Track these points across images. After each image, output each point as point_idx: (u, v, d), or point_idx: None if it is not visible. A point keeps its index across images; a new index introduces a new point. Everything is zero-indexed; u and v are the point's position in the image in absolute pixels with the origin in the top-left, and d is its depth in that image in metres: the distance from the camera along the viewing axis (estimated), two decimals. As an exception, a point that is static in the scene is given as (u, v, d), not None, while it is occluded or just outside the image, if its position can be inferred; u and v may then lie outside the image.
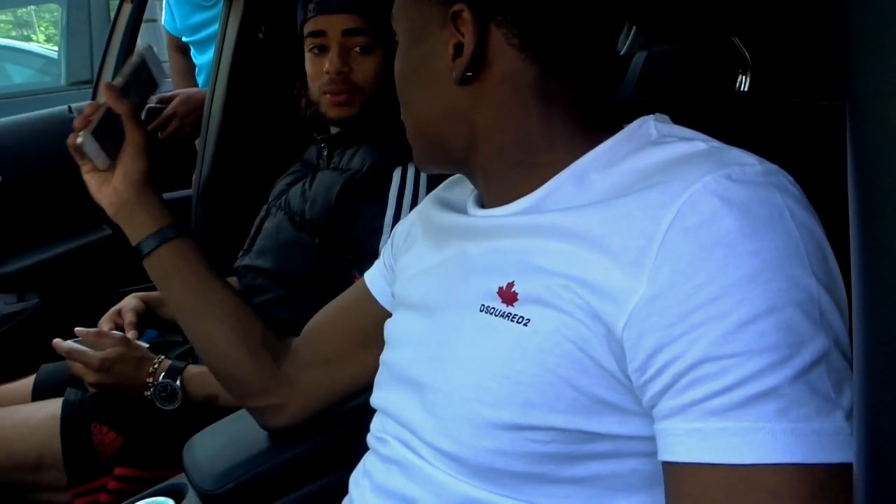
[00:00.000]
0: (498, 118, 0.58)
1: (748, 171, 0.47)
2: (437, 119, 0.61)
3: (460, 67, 0.56)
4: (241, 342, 0.81)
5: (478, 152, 0.60)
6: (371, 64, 1.14)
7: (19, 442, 1.09)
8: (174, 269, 0.82)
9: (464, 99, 0.58)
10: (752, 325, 0.43)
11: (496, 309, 0.54)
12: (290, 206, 1.22)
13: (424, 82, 0.61)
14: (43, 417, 1.11)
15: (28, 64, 4.13)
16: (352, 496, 0.67)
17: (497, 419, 0.51)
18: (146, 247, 0.83)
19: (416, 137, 0.65)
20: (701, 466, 0.44)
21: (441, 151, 0.63)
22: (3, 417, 1.12)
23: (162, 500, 0.86)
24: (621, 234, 0.48)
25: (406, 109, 0.64)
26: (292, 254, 1.18)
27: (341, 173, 1.17)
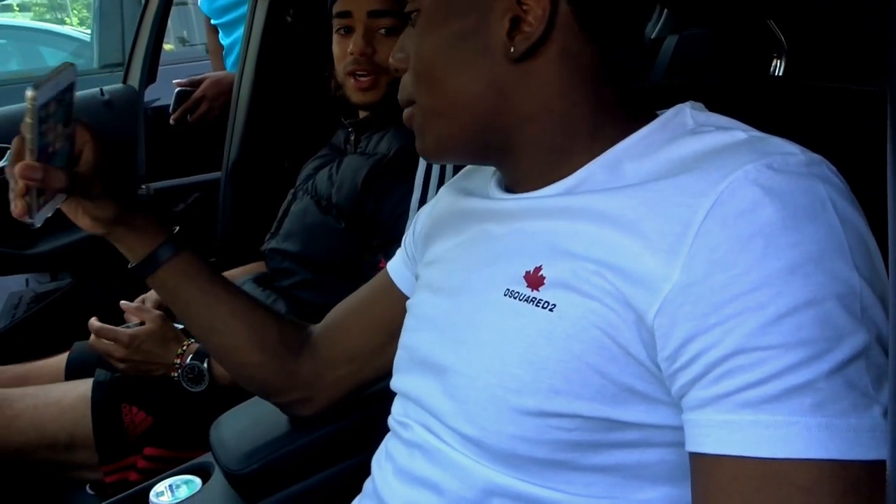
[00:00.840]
0: (547, 100, 0.56)
1: (790, 161, 0.46)
2: (477, 100, 0.57)
3: (525, 43, 0.53)
4: (258, 347, 0.79)
5: (514, 137, 0.58)
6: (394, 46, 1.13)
7: (52, 422, 1.11)
8: (177, 285, 0.79)
9: (514, 78, 0.55)
10: (789, 317, 0.42)
11: (521, 293, 0.53)
12: (317, 190, 1.22)
13: (467, 59, 0.56)
14: (75, 398, 1.13)
15: (61, 47, 4.18)
16: (374, 478, 0.67)
17: (521, 405, 0.51)
18: (144, 271, 0.78)
19: (442, 120, 0.59)
20: (731, 459, 0.43)
21: (475, 136, 0.59)
22: (36, 396, 1.14)
23: (189, 478, 0.87)
24: (656, 220, 0.47)
25: (433, 90, 0.59)
26: (318, 237, 1.19)
27: (368, 157, 1.17)
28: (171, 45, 4.17)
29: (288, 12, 1.53)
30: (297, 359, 0.80)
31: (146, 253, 0.76)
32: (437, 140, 0.61)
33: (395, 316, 0.75)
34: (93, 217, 0.73)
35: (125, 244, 0.77)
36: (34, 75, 3.32)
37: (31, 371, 1.31)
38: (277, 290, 1.24)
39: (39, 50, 4.18)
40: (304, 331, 0.83)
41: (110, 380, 1.14)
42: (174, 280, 0.78)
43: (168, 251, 0.77)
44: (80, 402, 1.12)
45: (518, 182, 0.61)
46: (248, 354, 0.79)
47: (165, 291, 0.79)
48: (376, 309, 0.80)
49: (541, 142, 0.57)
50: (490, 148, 0.60)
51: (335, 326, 0.82)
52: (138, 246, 0.77)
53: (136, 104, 2.05)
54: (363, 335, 0.80)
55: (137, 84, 2.06)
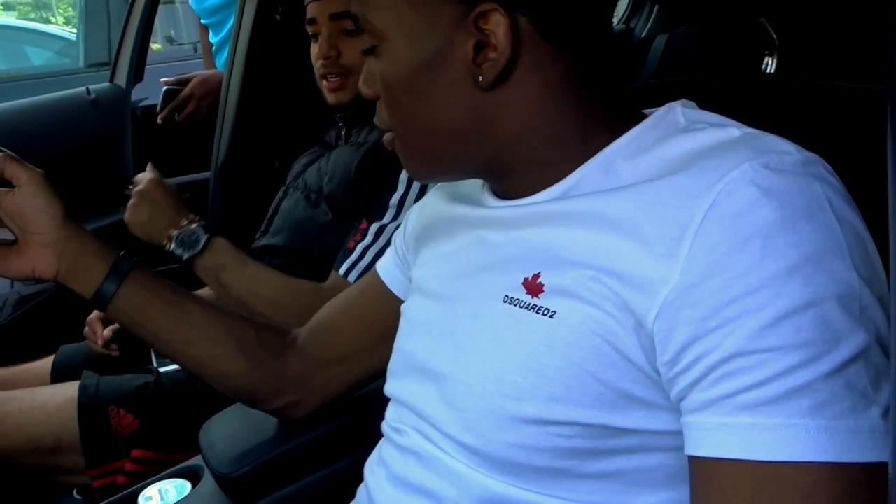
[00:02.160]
0: (529, 119, 0.54)
1: (787, 160, 0.45)
2: (455, 129, 0.55)
3: (493, 70, 0.51)
4: (238, 354, 0.76)
5: (503, 157, 0.56)
6: (360, 44, 1.13)
7: (38, 425, 1.10)
8: (144, 302, 0.74)
9: (489, 104, 0.53)
10: (788, 319, 0.41)
11: (520, 300, 0.53)
12: (307, 185, 1.23)
13: (436, 92, 0.54)
14: (62, 401, 1.11)
15: (47, 46, 4.14)
16: (367, 484, 0.66)
17: (520, 413, 0.50)
18: (108, 291, 0.72)
19: (419, 150, 0.58)
20: (729, 462, 0.42)
21: (455, 162, 0.58)
22: (21, 399, 1.13)
23: (179, 481, 0.86)
24: (654, 223, 0.47)
25: (402, 120, 0.57)
26: (307, 231, 1.19)
27: (359, 147, 1.17)
28: (159, 44, 4.15)
29: (277, 11, 1.52)
30: (282, 361, 0.79)
31: (106, 270, 0.72)
32: (421, 166, 0.60)
33: (385, 316, 0.75)
34: (47, 235, 0.70)
35: (81, 269, 0.72)
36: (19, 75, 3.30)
37: (17, 374, 1.30)
38: None
39: (24, 49, 4.15)
40: (283, 334, 0.82)
41: (97, 383, 1.13)
42: (140, 297, 0.73)
43: (126, 263, 0.73)
44: (67, 405, 1.11)
45: (511, 190, 0.60)
46: (232, 362, 0.77)
47: (133, 312, 0.74)
48: (366, 309, 0.79)
49: (530, 158, 0.56)
50: (479, 168, 0.59)
51: (325, 327, 0.81)
52: (96, 263, 0.72)
53: (123, 103, 2.04)
54: (354, 335, 0.79)
55: (125, 83, 2.04)
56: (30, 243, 0.71)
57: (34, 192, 0.70)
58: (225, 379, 0.78)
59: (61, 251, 0.71)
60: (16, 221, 0.70)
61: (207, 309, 0.77)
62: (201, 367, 0.78)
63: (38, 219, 0.70)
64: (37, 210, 0.70)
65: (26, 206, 0.70)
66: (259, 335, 0.79)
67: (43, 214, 0.70)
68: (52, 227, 0.70)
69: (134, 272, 0.74)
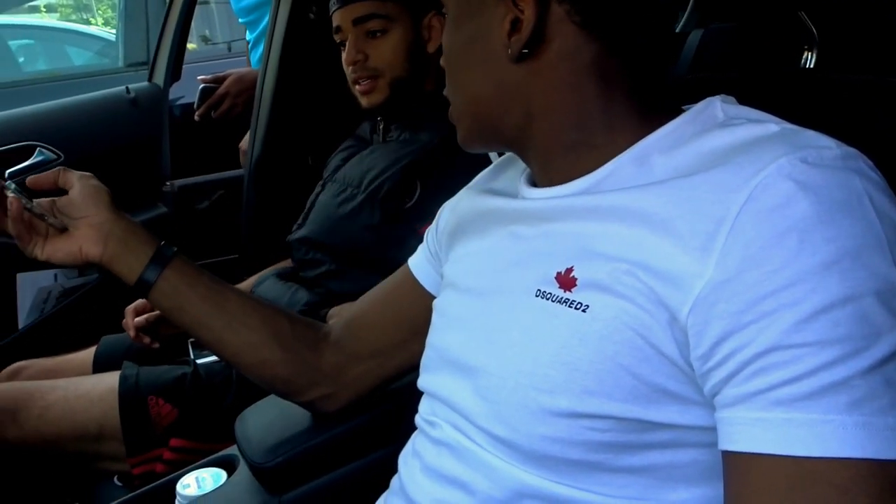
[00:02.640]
0: (555, 98, 0.56)
1: (825, 155, 0.45)
2: (491, 97, 0.59)
3: (517, 44, 0.55)
4: (273, 342, 0.78)
5: (533, 132, 0.58)
6: (386, 45, 1.16)
7: (82, 413, 1.13)
8: (187, 288, 0.76)
9: (520, 77, 0.56)
10: (825, 314, 0.41)
11: (553, 294, 0.53)
12: (346, 179, 1.23)
13: (477, 59, 0.58)
14: (104, 390, 1.14)
15: (87, 46, 4.23)
16: (401, 475, 0.67)
17: (553, 406, 0.51)
18: (151, 276, 0.75)
19: (464, 116, 0.63)
20: (764, 457, 0.42)
21: (492, 131, 0.61)
22: (66, 388, 1.16)
23: (215, 470, 0.88)
24: (688, 218, 0.46)
25: (455, 87, 0.62)
26: (344, 226, 1.19)
27: (405, 144, 1.17)
28: (194, 43, 4.21)
29: (311, 10, 1.54)
30: (317, 353, 0.80)
31: (150, 254, 0.75)
32: (465, 133, 0.64)
33: (417, 312, 0.75)
34: (95, 217, 0.74)
35: (127, 253, 0.75)
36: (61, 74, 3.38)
37: (60, 364, 1.33)
38: (302, 280, 1.25)
39: (66, 49, 4.24)
40: (317, 328, 0.83)
41: (137, 373, 1.16)
42: (181, 283, 0.76)
43: (168, 249, 0.76)
44: (109, 394, 1.13)
45: (545, 175, 0.61)
46: (269, 351, 0.78)
47: (173, 297, 0.76)
48: (399, 305, 0.80)
49: (558, 138, 0.57)
50: (511, 143, 0.62)
51: (357, 322, 0.82)
52: (140, 248, 0.75)
53: (161, 102, 2.07)
54: (386, 331, 0.80)
55: (162, 82, 2.08)
56: (78, 226, 0.74)
57: (84, 185, 0.75)
58: (260, 368, 0.80)
59: (108, 233, 0.74)
60: (67, 213, 0.75)
61: (244, 298, 0.80)
62: (238, 356, 0.79)
63: (87, 203, 0.74)
64: (85, 196, 0.75)
65: (76, 197, 0.75)
66: (293, 327, 0.80)
67: (91, 199, 0.75)
68: (99, 211, 0.74)
69: (175, 259, 0.76)
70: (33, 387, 1.16)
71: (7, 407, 1.11)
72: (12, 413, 1.11)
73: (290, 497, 0.84)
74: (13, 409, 1.11)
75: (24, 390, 1.15)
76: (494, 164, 0.75)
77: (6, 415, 1.11)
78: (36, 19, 4.60)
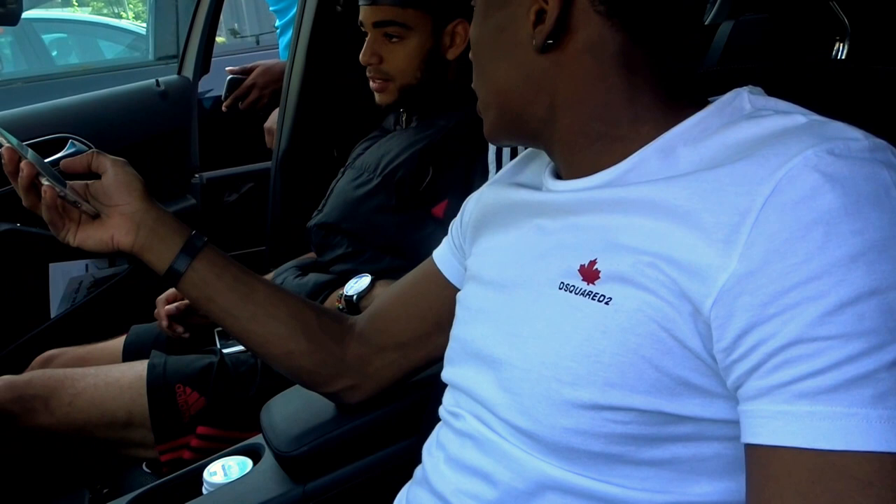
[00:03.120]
0: (580, 89, 0.56)
1: (853, 146, 0.44)
2: (516, 89, 0.59)
3: (541, 35, 0.54)
4: (300, 333, 0.79)
5: (557, 124, 0.58)
6: (402, 52, 1.16)
7: (111, 401, 1.15)
8: (215, 278, 0.77)
9: (545, 68, 0.56)
10: (851, 307, 0.40)
11: (576, 287, 0.53)
12: (363, 165, 1.25)
13: (503, 50, 0.58)
14: (132, 378, 1.16)
15: (118, 40, 4.30)
16: (425, 466, 0.68)
17: (576, 398, 0.51)
18: (181, 266, 0.75)
19: (490, 107, 0.62)
20: (787, 450, 0.42)
21: (517, 123, 0.61)
22: (96, 376, 1.18)
23: (241, 458, 0.90)
24: (712, 210, 0.46)
25: (481, 78, 0.62)
26: (358, 209, 1.21)
27: (424, 129, 1.19)
28: (223, 37, 4.25)
29: (338, 2, 1.54)
30: (342, 345, 0.81)
31: (181, 244, 0.76)
32: (493, 124, 0.63)
33: (441, 305, 0.76)
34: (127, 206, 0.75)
35: (158, 242, 0.75)
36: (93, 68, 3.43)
37: (91, 353, 1.36)
38: (319, 267, 1.27)
39: (98, 43, 4.31)
40: (342, 320, 0.83)
41: (164, 362, 1.18)
42: (211, 273, 0.76)
43: (199, 239, 0.77)
44: (138, 382, 1.16)
45: (569, 168, 0.60)
46: (295, 341, 0.79)
47: (203, 287, 0.77)
48: (423, 298, 0.80)
49: (583, 130, 0.57)
50: (536, 136, 0.62)
51: (382, 314, 0.83)
52: (171, 237, 0.76)
53: (190, 94, 2.10)
54: (410, 324, 0.80)
55: (192, 75, 2.11)
56: (111, 214, 0.75)
57: (117, 172, 0.75)
58: (287, 358, 0.80)
59: (140, 222, 0.75)
60: (100, 200, 0.75)
61: (272, 289, 0.80)
62: (264, 346, 0.80)
63: (120, 191, 0.75)
64: (118, 184, 0.75)
65: (110, 185, 0.75)
66: (320, 319, 0.81)
67: (124, 188, 0.75)
68: (132, 199, 0.75)
69: (205, 249, 0.77)
70: (64, 374, 1.18)
71: (39, 394, 1.14)
72: (44, 399, 1.14)
73: (314, 486, 0.85)
74: (45, 395, 1.14)
75: (55, 378, 1.17)
76: (519, 157, 0.75)
77: (38, 401, 1.13)
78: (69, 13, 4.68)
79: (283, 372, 0.83)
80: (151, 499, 0.86)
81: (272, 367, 0.83)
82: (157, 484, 0.90)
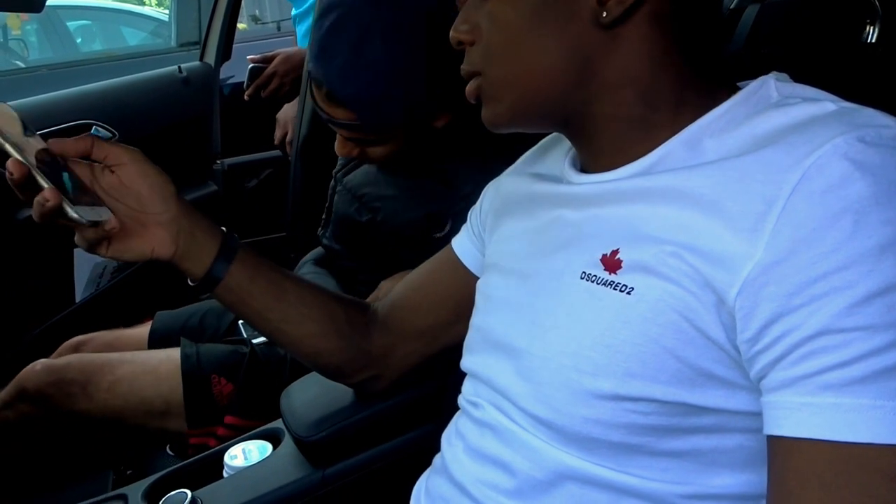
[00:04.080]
0: (634, 67, 0.53)
1: (884, 134, 0.43)
2: (559, 67, 0.54)
3: (620, 7, 0.50)
4: (330, 332, 0.78)
5: (595, 107, 0.55)
6: (379, 150, 1.04)
7: (149, 389, 1.15)
8: (249, 282, 0.73)
9: (600, 44, 0.52)
10: (880, 298, 0.40)
11: (598, 277, 0.52)
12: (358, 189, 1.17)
13: (551, 25, 0.53)
14: (171, 367, 1.16)
15: (141, 27, 4.33)
16: (444, 455, 0.68)
17: (596, 388, 0.50)
18: (219, 271, 0.71)
19: (510, 90, 0.56)
20: (810, 442, 0.41)
21: (546, 106, 0.56)
22: (134, 363, 1.18)
23: (261, 443, 0.91)
24: (738, 199, 0.45)
25: (512, 58, 0.55)
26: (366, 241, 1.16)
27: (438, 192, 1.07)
28: (244, 23, 4.26)
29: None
30: (367, 337, 0.81)
31: (216, 249, 0.71)
32: (511, 109, 0.58)
33: (462, 293, 0.75)
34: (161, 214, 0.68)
35: (195, 249, 0.70)
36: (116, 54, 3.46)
37: (119, 338, 1.37)
38: (336, 268, 1.26)
39: (121, 30, 4.35)
40: (366, 309, 0.83)
41: (197, 351, 1.18)
42: (246, 276, 0.73)
43: (233, 240, 0.73)
44: (176, 371, 1.15)
45: (595, 158, 0.59)
46: (325, 340, 0.78)
47: (238, 291, 0.73)
48: (442, 285, 0.80)
49: (621, 114, 0.55)
50: (567, 119, 0.58)
51: (402, 303, 0.82)
52: (208, 242, 0.71)
53: (212, 81, 2.11)
54: (431, 312, 0.80)
55: (213, 62, 2.11)
56: (147, 224, 0.67)
57: (141, 171, 0.67)
58: (316, 356, 0.80)
59: (178, 230, 0.69)
60: (126, 202, 0.67)
61: (301, 287, 0.78)
62: (295, 345, 0.78)
63: (154, 199, 0.67)
64: (149, 189, 0.67)
65: (139, 186, 0.67)
66: (346, 312, 0.80)
67: (157, 194, 0.68)
68: (168, 207, 0.68)
69: (239, 252, 0.72)
70: (102, 360, 1.19)
71: (78, 378, 1.15)
72: (83, 384, 1.14)
73: (333, 471, 0.86)
74: (84, 380, 1.14)
75: (93, 363, 1.18)
76: (536, 147, 0.74)
77: (77, 386, 1.14)
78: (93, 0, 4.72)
79: (309, 366, 0.83)
80: (173, 481, 0.87)
81: (299, 361, 0.83)
82: (179, 466, 0.91)
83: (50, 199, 0.59)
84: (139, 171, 0.67)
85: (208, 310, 1.37)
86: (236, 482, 0.85)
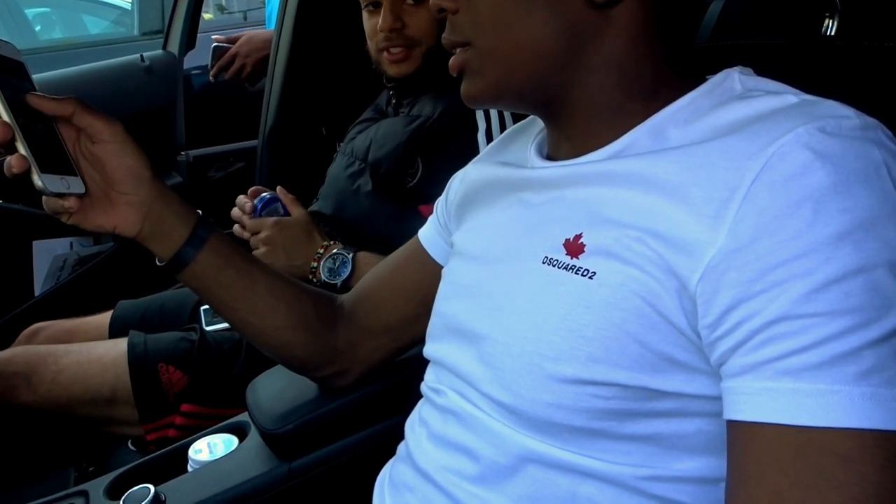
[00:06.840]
0: (620, 50, 0.54)
1: (844, 124, 0.44)
2: (549, 45, 0.53)
3: None
4: (298, 325, 0.77)
5: (578, 89, 0.55)
6: (426, 14, 1.10)
7: (95, 377, 1.14)
8: (217, 271, 0.72)
9: (589, 23, 0.53)
10: (837, 284, 0.40)
11: (560, 261, 0.52)
12: (354, 152, 1.22)
13: (544, 1, 0.53)
14: (116, 355, 1.15)
15: (103, 15, 4.23)
16: (408, 442, 0.68)
17: (558, 373, 0.50)
18: (187, 256, 0.70)
19: (495, 65, 0.56)
20: (769, 427, 0.42)
21: (531, 84, 0.56)
22: (80, 353, 1.17)
23: (227, 436, 0.89)
24: (701, 184, 0.46)
25: (502, 30, 0.54)
26: (350, 200, 1.19)
27: (410, 121, 1.15)
28: (210, 13, 4.19)
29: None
30: (333, 332, 0.80)
31: (187, 234, 0.70)
32: (494, 84, 0.57)
33: (429, 285, 0.75)
34: (132, 192, 0.67)
35: (163, 231, 0.69)
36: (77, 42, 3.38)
37: (79, 326, 1.35)
38: None
39: (82, 18, 4.24)
40: (334, 303, 0.82)
41: (144, 341, 1.17)
42: (215, 264, 0.72)
43: (205, 229, 0.71)
44: (122, 359, 1.14)
45: (564, 143, 0.59)
46: (292, 333, 0.77)
47: (205, 278, 0.72)
48: (409, 279, 0.80)
49: (600, 100, 0.55)
50: (547, 101, 0.57)
51: (369, 298, 0.82)
52: (178, 225, 0.70)
53: (175, 70, 2.07)
54: (398, 306, 0.80)
55: (177, 51, 2.07)
56: (115, 202, 0.67)
57: (121, 150, 0.66)
58: (282, 349, 0.79)
59: (147, 212, 0.68)
60: (100, 174, 0.66)
61: (271, 279, 0.77)
62: (261, 336, 0.78)
63: (126, 179, 0.66)
64: (125, 170, 0.66)
65: (114, 165, 0.66)
66: (316, 306, 0.79)
67: (131, 175, 0.66)
68: (141, 189, 0.67)
69: (210, 238, 0.71)
70: (47, 351, 1.17)
71: (20, 371, 1.13)
72: (26, 376, 1.12)
73: (299, 463, 0.85)
74: (27, 372, 1.13)
75: (37, 354, 1.16)
76: (500, 137, 0.74)
77: (20, 378, 1.12)
78: (52, -13, 4.59)
79: (274, 358, 0.82)
80: (136, 476, 0.86)
81: (264, 353, 0.82)
82: (142, 461, 0.90)
83: (14, 167, 0.59)
84: (116, 149, 0.66)
85: (168, 298, 1.35)
86: (201, 476, 0.84)
